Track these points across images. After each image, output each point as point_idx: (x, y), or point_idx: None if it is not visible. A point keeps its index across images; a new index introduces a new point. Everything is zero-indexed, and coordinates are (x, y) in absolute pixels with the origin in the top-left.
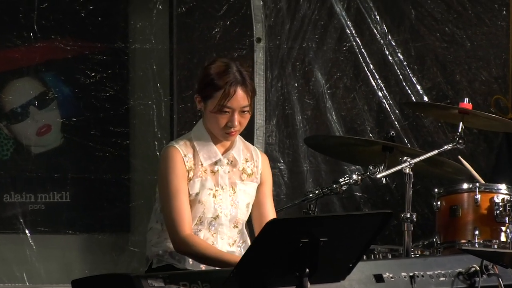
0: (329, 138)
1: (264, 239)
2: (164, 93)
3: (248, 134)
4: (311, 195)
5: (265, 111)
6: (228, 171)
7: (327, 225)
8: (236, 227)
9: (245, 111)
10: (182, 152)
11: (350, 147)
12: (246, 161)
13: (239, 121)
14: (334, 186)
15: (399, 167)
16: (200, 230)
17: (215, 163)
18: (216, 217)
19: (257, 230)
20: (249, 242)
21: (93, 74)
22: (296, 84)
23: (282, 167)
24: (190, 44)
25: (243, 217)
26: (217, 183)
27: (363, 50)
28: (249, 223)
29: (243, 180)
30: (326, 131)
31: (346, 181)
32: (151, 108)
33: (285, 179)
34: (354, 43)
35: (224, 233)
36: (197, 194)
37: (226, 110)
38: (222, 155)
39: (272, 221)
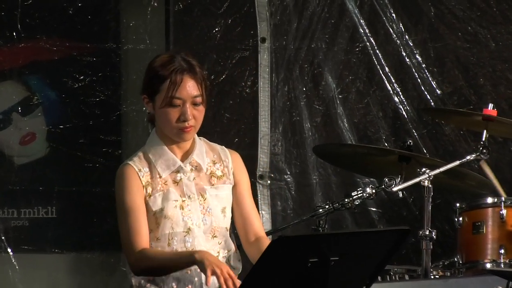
0: (340, 147)
1: (270, 259)
2: None
3: (251, 143)
4: (320, 210)
5: (270, 118)
6: (194, 178)
7: (338, 243)
8: (215, 236)
9: (197, 103)
10: (135, 168)
11: (364, 157)
12: (214, 163)
13: (193, 115)
14: (346, 200)
15: (417, 180)
16: (176, 250)
17: (177, 171)
18: (188, 231)
19: (241, 233)
20: (234, 250)
21: (82, 77)
22: (304, 88)
23: (288, 179)
24: (188, 45)
25: (220, 223)
26: (182, 193)
27: (377, 51)
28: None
29: (213, 185)
30: (337, 140)
31: (359, 195)
32: (145, 114)
33: (292, 193)
34: (367, 43)
35: (202, 246)
36: (161, 209)
37: (175, 102)
38: (183, 161)
39: (279, 239)
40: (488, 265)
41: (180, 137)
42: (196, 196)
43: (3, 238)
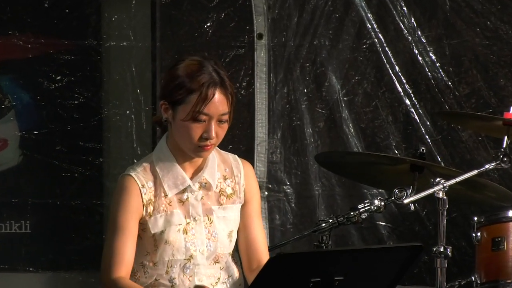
0: (345, 155)
1: (267, 278)
2: (145, 101)
3: (247, 151)
4: (323, 224)
5: (268, 123)
6: (202, 197)
7: (344, 261)
8: (218, 262)
9: (223, 121)
10: (139, 182)
11: (371, 166)
12: (225, 178)
13: (217, 132)
14: (352, 214)
15: (430, 191)
16: (174, 278)
17: (183, 190)
18: (189, 258)
19: (243, 258)
20: (236, 275)
21: (58, 77)
22: (305, 90)
23: (288, 190)
24: (176, 42)
25: (225, 250)
26: (187, 214)
27: (386, 48)
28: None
29: (221, 204)
30: (342, 147)
31: (366, 208)
32: (129, 118)
33: (292, 205)
34: (376, 40)
35: (203, 273)
36: (162, 232)
37: (202, 118)
38: (192, 178)
39: (277, 257)
40: (510, 286)
41: (197, 154)
42: (202, 218)
43: None
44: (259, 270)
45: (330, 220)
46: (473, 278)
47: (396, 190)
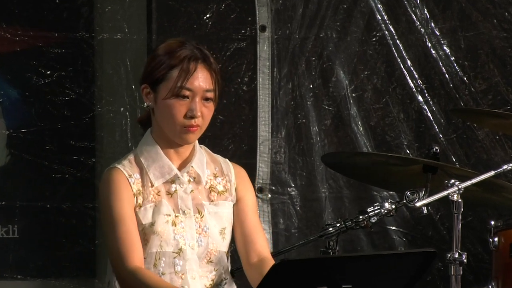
0: (354, 155)
1: (271, 286)
2: (140, 97)
3: (249, 150)
4: (330, 229)
5: (271, 121)
6: (192, 190)
7: (352, 269)
8: (211, 261)
9: (208, 98)
10: (126, 173)
11: (381, 167)
12: (215, 176)
13: (202, 112)
14: (361, 217)
15: (444, 193)
16: (163, 274)
17: (172, 181)
18: (179, 252)
19: (241, 253)
20: (229, 278)
21: (48, 72)
22: (311, 86)
23: (293, 192)
24: (174, 34)
25: (218, 247)
26: (176, 207)
27: (398, 41)
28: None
29: (212, 201)
30: (350, 147)
31: (376, 212)
32: (123, 116)
33: (297, 209)
34: (386, 32)
35: (194, 271)
36: (151, 224)
37: (184, 93)
38: (180, 170)
39: (281, 263)
40: None
41: (182, 137)
42: (192, 212)
43: None
44: (262, 277)
45: (338, 225)
46: (490, 286)
47: (408, 193)
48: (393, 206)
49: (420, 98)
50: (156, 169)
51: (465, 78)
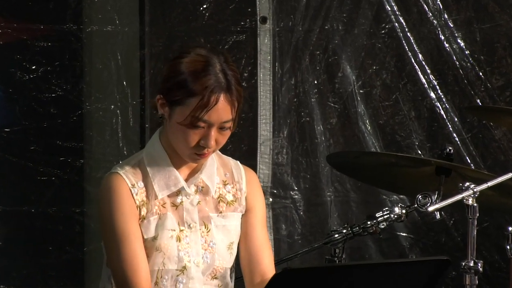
0: (361, 156)
1: None
2: (133, 94)
3: (249, 151)
4: (336, 235)
5: (273, 119)
6: (198, 202)
7: (359, 278)
8: (215, 278)
9: (225, 128)
10: (128, 181)
11: (391, 168)
12: (225, 184)
13: (217, 139)
14: (369, 223)
15: (459, 197)
16: None
17: (177, 192)
18: (183, 269)
19: (245, 272)
20: None
21: (34, 67)
22: (315, 81)
23: (296, 196)
24: (168, 26)
25: (224, 263)
26: (181, 220)
27: (408, 34)
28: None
29: (220, 212)
30: (358, 147)
31: (386, 217)
32: (114, 114)
33: (301, 213)
34: (396, 24)
35: None
36: (154, 238)
37: (200, 124)
38: (187, 181)
39: (283, 272)
40: None
41: (192, 160)
42: (198, 226)
43: None
44: (263, 287)
45: (344, 231)
46: None
47: (420, 196)
48: (404, 211)
49: (432, 94)
50: (162, 180)
51: (480, 74)
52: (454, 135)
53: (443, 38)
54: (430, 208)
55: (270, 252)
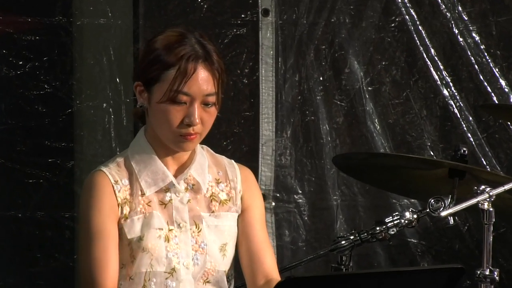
0: (369, 157)
1: None
2: (126, 91)
3: (250, 152)
4: (343, 242)
5: (276, 118)
6: (188, 200)
7: (367, 287)
8: (208, 282)
9: (209, 103)
10: (111, 178)
11: (401, 171)
12: (218, 182)
13: (202, 117)
14: (378, 229)
15: (473, 201)
16: None
17: (166, 189)
18: (172, 272)
19: (247, 274)
20: None
21: (20, 62)
22: (321, 78)
23: (300, 200)
24: (163, 19)
25: (217, 265)
26: (170, 219)
27: (420, 27)
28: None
29: (213, 211)
30: (366, 147)
31: (396, 222)
32: (106, 113)
33: (305, 219)
34: (407, 16)
35: None
36: (139, 238)
37: (181, 98)
38: (176, 177)
39: (286, 281)
40: None
41: (178, 145)
42: (189, 226)
43: None
44: None
45: (351, 237)
46: None
47: (432, 200)
48: (415, 216)
49: (445, 92)
50: (148, 176)
51: (496, 70)
52: (469, 135)
53: (456, 31)
54: (443, 213)
55: (272, 252)
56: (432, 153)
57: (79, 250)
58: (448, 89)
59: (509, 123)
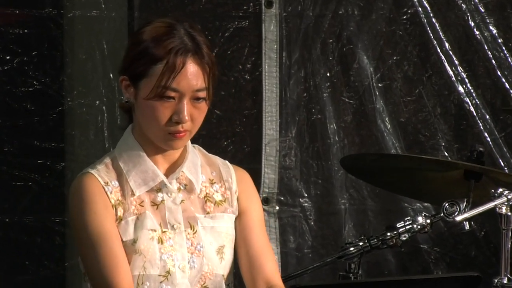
0: (380, 158)
1: None
2: (120, 88)
3: (252, 153)
4: (351, 248)
5: (280, 116)
6: (182, 201)
7: None
8: (205, 286)
9: (200, 98)
10: (101, 180)
11: (414, 172)
12: (212, 182)
13: (191, 114)
14: (388, 234)
15: (491, 205)
16: None
17: (158, 189)
18: (166, 275)
19: (246, 279)
20: None
21: (8, 57)
22: (328, 74)
23: (306, 204)
24: (160, 11)
25: (215, 269)
26: (163, 221)
27: (433, 20)
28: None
29: (208, 213)
30: (376, 148)
31: (408, 227)
32: (99, 111)
33: (311, 223)
34: (419, 8)
35: None
36: (133, 241)
37: (170, 94)
38: (167, 176)
39: None
40: None
41: (167, 144)
42: (183, 227)
43: None
44: None
45: (360, 243)
46: None
47: (446, 204)
48: (428, 221)
49: (460, 89)
50: (138, 175)
51: None
52: (485, 134)
53: (473, 24)
54: (458, 218)
55: (273, 256)
56: (446, 153)
57: (83, 259)
58: (464, 86)
59: None
